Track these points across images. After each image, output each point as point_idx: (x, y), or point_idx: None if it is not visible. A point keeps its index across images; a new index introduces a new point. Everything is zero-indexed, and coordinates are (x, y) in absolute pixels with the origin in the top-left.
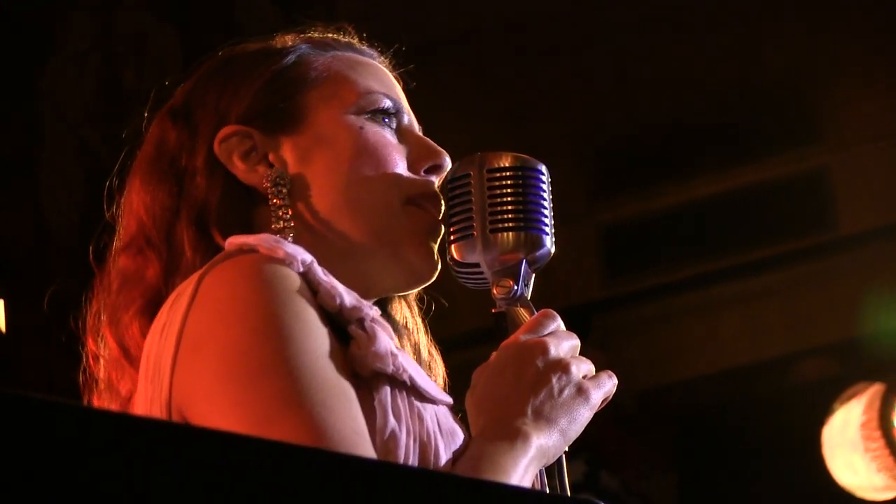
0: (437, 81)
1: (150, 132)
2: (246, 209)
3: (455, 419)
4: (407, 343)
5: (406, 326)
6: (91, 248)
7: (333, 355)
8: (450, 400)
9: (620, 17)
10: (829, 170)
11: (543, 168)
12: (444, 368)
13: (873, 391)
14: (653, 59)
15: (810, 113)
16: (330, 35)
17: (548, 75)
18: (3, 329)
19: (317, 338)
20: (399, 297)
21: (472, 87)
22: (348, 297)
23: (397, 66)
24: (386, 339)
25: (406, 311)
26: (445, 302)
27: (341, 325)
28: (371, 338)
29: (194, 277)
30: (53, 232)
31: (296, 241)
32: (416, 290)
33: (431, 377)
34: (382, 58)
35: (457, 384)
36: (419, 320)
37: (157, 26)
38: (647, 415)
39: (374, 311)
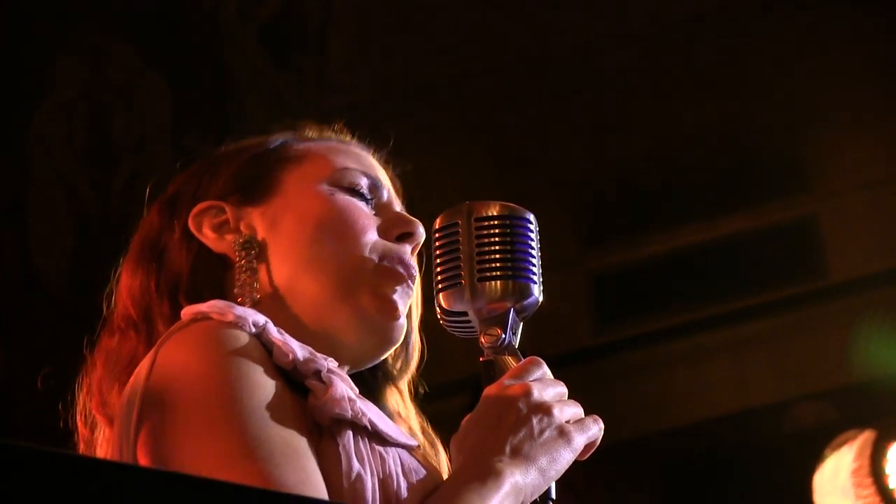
0: (427, 127)
1: (140, 225)
2: (220, 278)
3: (421, 460)
4: (403, 428)
5: (399, 414)
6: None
7: (282, 410)
8: (414, 442)
9: (611, 66)
10: (818, 218)
11: (531, 217)
12: (445, 452)
13: (864, 438)
14: (642, 107)
15: (798, 161)
16: (324, 133)
17: (538, 122)
18: None
19: (261, 396)
20: (389, 383)
21: (461, 133)
22: (302, 351)
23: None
24: (343, 387)
25: (397, 397)
26: (437, 349)
27: (298, 381)
28: (327, 386)
29: (153, 350)
30: (42, 279)
31: (260, 305)
32: (406, 376)
33: (434, 461)
34: (377, 154)
35: (442, 432)
36: (410, 405)
37: (146, 74)
38: (635, 462)
39: (331, 363)
